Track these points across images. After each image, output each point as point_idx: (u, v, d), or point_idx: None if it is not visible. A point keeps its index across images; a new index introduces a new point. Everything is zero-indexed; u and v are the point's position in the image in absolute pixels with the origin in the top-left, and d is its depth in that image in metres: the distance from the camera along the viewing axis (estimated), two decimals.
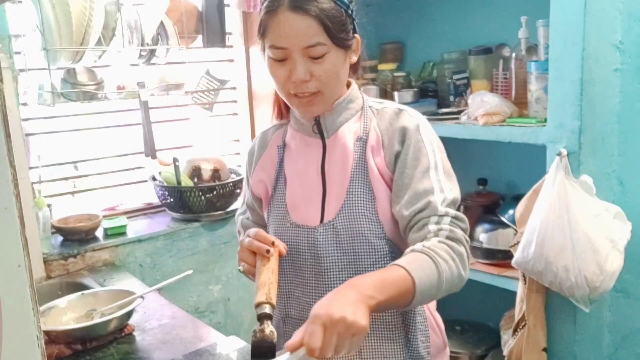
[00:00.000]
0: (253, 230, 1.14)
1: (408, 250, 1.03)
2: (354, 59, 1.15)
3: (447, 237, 1.04)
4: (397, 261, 0.98)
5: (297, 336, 0.89)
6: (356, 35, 1.14)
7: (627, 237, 1.56)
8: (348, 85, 1.20)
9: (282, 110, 1.26)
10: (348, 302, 0.88)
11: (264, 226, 1.29)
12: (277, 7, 1.07)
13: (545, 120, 1.66)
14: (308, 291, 1.17)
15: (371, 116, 1.17)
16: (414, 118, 1.14)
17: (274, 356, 1.00)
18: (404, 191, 1.09)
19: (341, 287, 0.93)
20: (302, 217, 1.17)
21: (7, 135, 0.57)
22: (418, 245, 1.02)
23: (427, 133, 1.13)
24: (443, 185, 1.08)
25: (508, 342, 1.77)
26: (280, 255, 1.12)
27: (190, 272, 1.59)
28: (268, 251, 1.08)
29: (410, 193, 1.08)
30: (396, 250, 1.13)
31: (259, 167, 1.27)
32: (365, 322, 0.87)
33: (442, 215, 1.05)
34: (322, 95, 1.11)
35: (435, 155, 1.11)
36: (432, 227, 1.05)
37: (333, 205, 1.14)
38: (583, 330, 1.69)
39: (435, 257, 0.99)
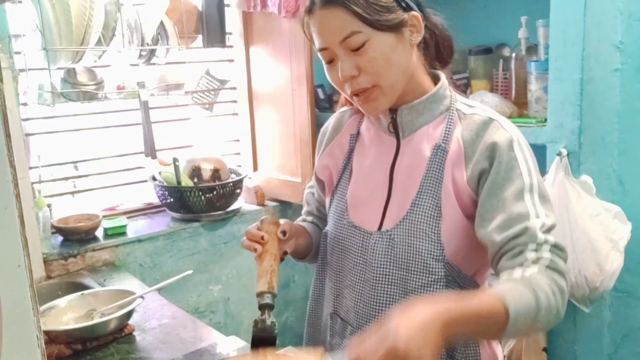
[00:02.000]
0: (248, 228, 1.10)
1: (505, 276, 0.92)
2: (417, 39, 1.02)
3: (548, 267, 0.91)
4: (497, 289, 0.87)
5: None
6: (413, 12, 1.01)
7: (627, 237, 1.56)
8: (436, 81, 1.08)
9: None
10: (419, 328, 0.76)
11: (322, 205, 1.24)
12: (312, 8, 1.02)
13: (545, 120, 1.66)
14: (354, 296, 1.10)
15: (456, 121, 1.04)
16: (507, 132, 1.00)
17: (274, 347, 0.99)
18: (494, 214, 0.96)
19: (427, 306, 0.80)
20: (361, 218, 1.10)
21: (7, 135, 0.57)
22: (517, 272, 0.90)
23: (521, 150, 0.99)
24: (539, 211, 0.94)
25: (508, 342, 1.77)
26: (279, 238, 1.08)
27: (190, 272, 1.59)
28: (256, 250, 1.05)
29: (502, 217, 0.95)
30: (454, 273, 1.03)
31: (327, 152, 1.20)
32: (430, 356, 0.76)
33: (542, 243, 0.92)
34: (380, 88, 1.00)
35: (532, 176, 0.97)
36: (530, 255, 0.91)
37: (394, 214, 1.05)
38: (583, 330, 1.69)
39: (536, 291, 0.86)
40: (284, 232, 1.09)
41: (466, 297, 0.85)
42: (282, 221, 1.13)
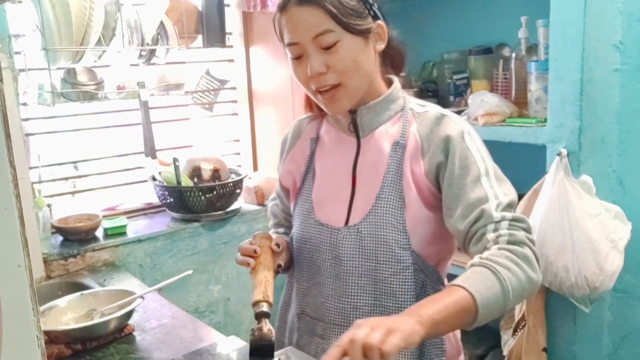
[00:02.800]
0: (240, 244, 1.14)
1: (467, 265, 0.98)
2: (381, 46, 1.10)
3: (508, 242, 0.98)
4: (454, 281, 0.94)
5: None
6: (379, 21, 1.09)
7: (627, 237, 1.56)
8: (390, 83, 1.16)
9: (312, 104, 1.22)
10: (393, 317, 0.86)
11: (290, 215, 1.27)
12: (286, 5, 1.06)
13: (545, 120, 1.66)
14: (325, 292, 1.14)
15: (411, 119, 1.12)
16: (457, 124, 1.08)
17: (272, 355, 1.00)
18: (456, 203, 1.03)
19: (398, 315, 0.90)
20: (327, 215, 1.15)
21: (7, 135, 0.57)
22: (476, 259, 0.97)
23: (472, 139, 1.07)
24: (496, 192, 1.02)
25: (508, 342, 1.77)
26: (272, 250, 1.12)
27: (190, 272, 1.59)
28: (248, 264, 1.08)
29: (462, 205, 1.02)
30: (420, 262, 1.09)
31: (289, 158, 1.25)
32: (405, 327, 0.82)
33: (499, 221, 0.99)
34: (344, 87, 1.06)
35: (485, 161, 1.05)
36: (490, 236, 0.99)
37: (360, 208, 1.11)
38: (583, 330, 1.69)
39: (494, 267, 0.93)
40: (277, 245, 1.13)
41: (431, 298, 0.93)
42: (273, 235, 1.18)
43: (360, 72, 1.07)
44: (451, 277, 1.08)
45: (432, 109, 1.13)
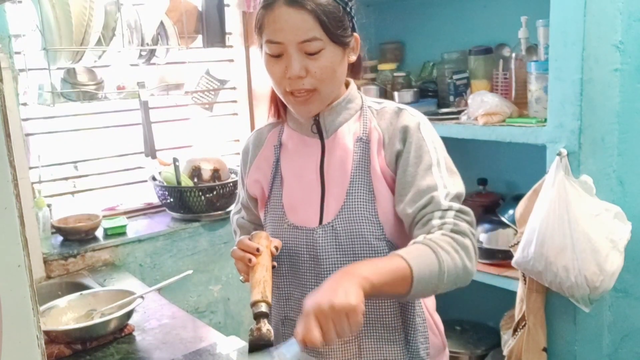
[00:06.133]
0: (240, 239, 1.13)
1: (410, 243, 1.03)
2: (353, 58, 1.15)
3: (452, 231, 1.03)
4: (396, 251, 0.99)
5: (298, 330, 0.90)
6: (355, 34, 1.13)
7: (627, 237, 1.56)
8: (347, 85, 1.20)
9: (279, 109, 1.25)
10: (336, 287, 0.89)
11: (260, 225, 1.29)
12: (274, 2, 1.06)
13: (545, 120, 1.66)
14: (307, 293, 1.14)
15: (371, 116, 1.17)
16: (414, 117, 1.14)
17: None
18: (407, 189, 1.09)
19: (333, 275, 0.94)
20: (300, 218, 1.17)
21: (7, 135, 0.57)
22: (420, 237, 1.02)
23: (427, 131, 1.13)
24: (446, 182, 1.08)
25: (508, 342, 1.78)
26: (272, 252, 1.12)
27: (190, 272, 1.59)
28: (250, 260, 1.08)
29: (413, 191, 1.07)
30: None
31: (254, 167, 1.26)
32: (355, 300, 0.87)
33: (446, 210, 1.05)
34: (318, 93, 1.09)
35: (437, 152, 1.11)
36: (436, 222, 1.04)
37: (332, 206, 1.14)
38: (583, 330, 1.69)
39: (436, 248, 0.98)
40: (276, 247, 1.13)
41: (372, 260, 1.01)
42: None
43: (335, 81, 1.11)
44: None
45: (388, 104, 1.19)
